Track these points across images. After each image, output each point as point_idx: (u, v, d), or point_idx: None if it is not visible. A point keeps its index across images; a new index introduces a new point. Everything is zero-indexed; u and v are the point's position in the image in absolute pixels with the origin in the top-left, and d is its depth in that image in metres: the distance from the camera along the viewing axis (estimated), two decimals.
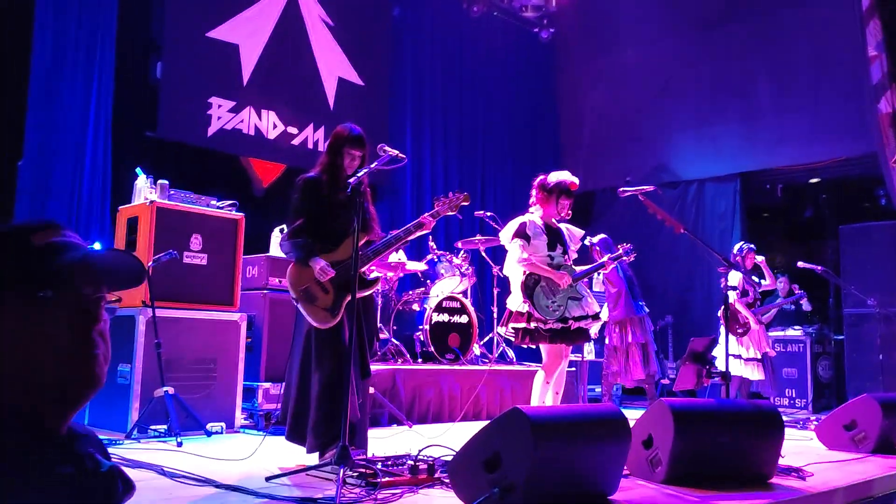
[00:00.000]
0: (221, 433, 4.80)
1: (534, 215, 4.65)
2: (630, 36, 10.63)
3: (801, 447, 4.77)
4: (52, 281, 1.05)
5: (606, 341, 7.11)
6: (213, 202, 5.19)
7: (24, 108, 6.17)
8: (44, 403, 1.04)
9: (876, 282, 8.13)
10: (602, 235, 6.85)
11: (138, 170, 5.21)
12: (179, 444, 4.19)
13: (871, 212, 9.37)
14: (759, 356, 6.81)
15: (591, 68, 11.22)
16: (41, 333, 1.04)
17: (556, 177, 4.65)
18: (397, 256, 6.76)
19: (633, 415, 3.82)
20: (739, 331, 6.77)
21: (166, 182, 5.02)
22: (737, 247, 7.22)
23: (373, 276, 3.84)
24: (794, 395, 8.55)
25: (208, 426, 4.71)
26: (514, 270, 4.56)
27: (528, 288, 4.45)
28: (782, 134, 9.32)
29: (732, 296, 6.44)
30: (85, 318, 1.08)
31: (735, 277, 6.64)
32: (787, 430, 3.71)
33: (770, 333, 7.46)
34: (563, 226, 4.76)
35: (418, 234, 3.83)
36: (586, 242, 6.71)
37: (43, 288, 1.04)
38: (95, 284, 1.10)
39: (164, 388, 4.46)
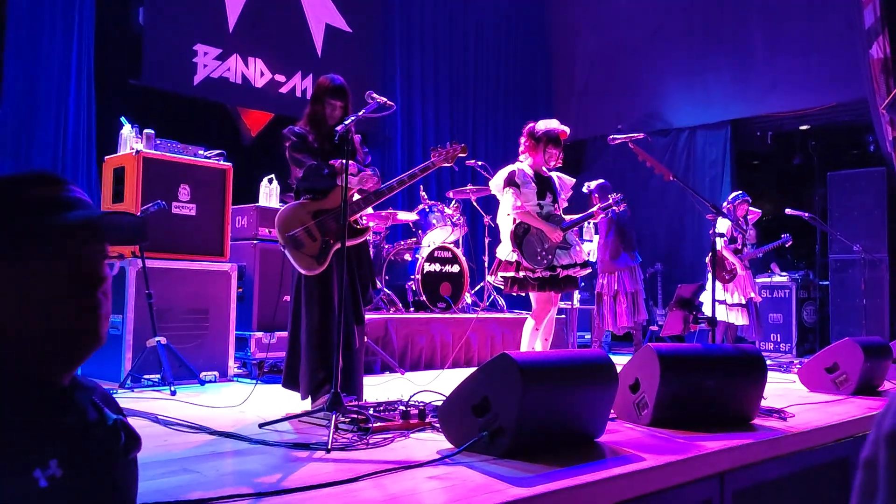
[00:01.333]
0: (215, 382, 4.86)
1: (523, 164, 4.64)
2: None
3: (783, 390, 4.88)
4: (53, 236, 1.02)
5: (595, 290, 7.18)
6: (201, 152, 5.15)
7: (1, 56, 6.04)
8: (46, 358, 1.04)
9: (862, 228, 8.21)
10: (600, 181, 6.85)
11: (123, 119, 5.14)
12: (173, 393, 4.24)
13: (860, 158, 9.39)
14: (743, 302, 6.91)
15: (584, 15, 11.05)
16: (42, 289, 1.02)
17: (544, 125, 4.62)
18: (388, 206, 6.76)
19: (621, 360, 3.89)
20: (726, 277, 6.84)
21: (152, 131, 4.97)
22: (732, 195, 7.25)
23: (365, 224, 3.85)
24: (778, 340, 8.69)
25: (201, 375, 4.76)
26: (504, 219, 4.57)
27: (518, 237, 4.47)
28: (773, 80, 9.27)
29: (720, 242, 6.49)
30: (90, 277, 1.06)
31: (723, 224, 6.68)
32: (771, 374, 3.79)
33: (757, 280, 7.55)
34: (554, 174, 4.76)
35: (421, 177, 3.85)
36: (584, 189, 6.72)
37: (41, 243, 1.02)
38: (99, 242, 1.08)
39: (157, 338, 4.50)
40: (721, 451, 2.90)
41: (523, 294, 4.62)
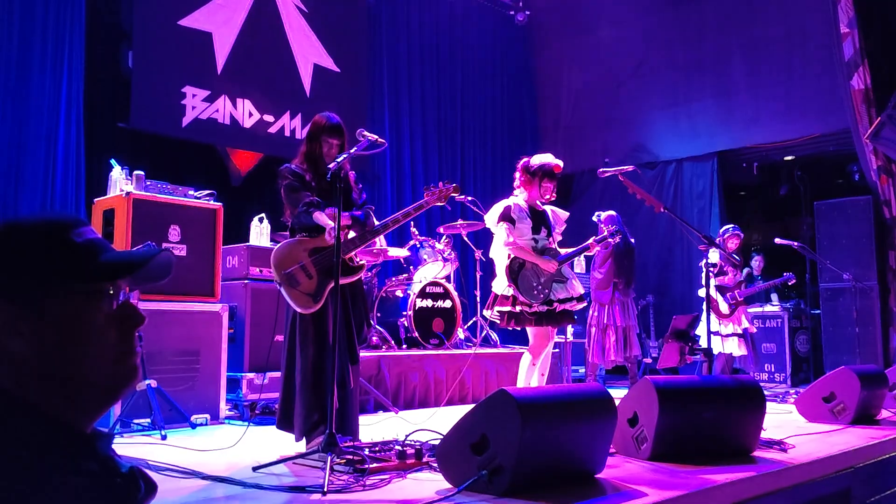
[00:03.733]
0: (206, 424, 4.77)
1: (518, 198, 4.66)
2: (605, 16, 10.62)
3: (781, 420, 4.85)
4: (98, 278, 1.03)
5: (587, 322, 7.15)
6: (191, 192, 5.13)
7: None
8: (81, 403, 1.03)
9: (851, 256, 8.26)
10: (611, 212, 6.89)
11: (113, 161, 5.13)
12: (164, 437, 4.16)
13: (846, 188, 9.49)
14: (739, 331, 6.90)
15: (568, 50, 11.21)
16: (91, 331, 1.02)
17: (539, 159, 4.65)
18: (379, 243, 6.74)
19: (616, 394, 3.85)
20: (724, 314, 6.86)
21: (142, 173, 4.95)
22: (722, 228, 7.30)
23: (359, 262, 3.83)
24: (773, 370, 8.67)
25: (193, 418, 4.68)
26: (499, 254, 4.57)
27: (513, 272, 4.47)
28: (757, 112, 9.40)
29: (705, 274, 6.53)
30: (131, 316, 1.07)
31: (715, 256, 6.71)
32: (768, 404, 3.76)
33: (749, 309, 7.56)
34: (548, 208, 4.77)
35: (415, 214, 3.84)
36: (594, 218, 6.76)
37: (90, 285, 1.02)
38: (134, 283, 1.09)
39: (147, 381, 4.42)
40: (724, 484, 2.87)
41: (520, 329, 4.59)
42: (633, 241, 7.16)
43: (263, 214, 6.02)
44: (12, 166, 6.17)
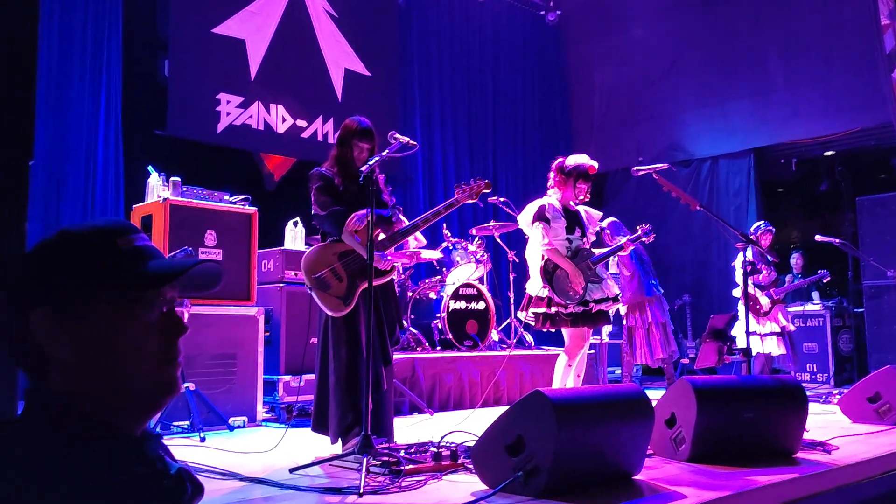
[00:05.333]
0: (244, 427, 4.82)
1: (552, 198, 4.63)
2: (637, 13, 10.52)
3: (825, 421, 4.74)
4: (143, 286, 1.03)
5: (624, 323, 7.08)
6: (227, 197, 5.20)
7: (33, 108, 6.18)
8: (125, 410, 1.04)
9: (895, 252, 8.04)
10: (611, 219, 6.81)
11: (150, 168, 5.22)
12: (202, 440, 4.22)
13: (888, 182, 9.26)
14: (777, 329, 6.78)
15: (600, 49, 11.12)
16: (131, 338, 1.03)
17: (574, 160, 4.62)
18: (414, 244, 6.76)
19: (653, 395, 3.80)
20: (762, 311, 6.74)
21: (179, 179, 5.03)
22: (754, 225, 7.17)
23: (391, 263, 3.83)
24: (815, 370, 8.49)
25: (230, 420, 4.74)
26: (533, 255, 4.54)
27: (548, 272, 4.44)
28: (795, 107, 9.22)
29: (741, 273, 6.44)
30: (172, 325, 1.07)
31: (749, 254, 6.60)
32: (811, 405, 3.68)
33: (790, 309, 7.42)
34: (581, 208, 4.74)
35: (445, 214, 3.85)
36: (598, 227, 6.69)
37: (134, 292, 1.03)
38: (176, 291, 1.10)
39: (185, 385, 4.48)
40: (766, 486, 2.81)
41: (555, 330, 4.55)
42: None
43: (298, 218, 6.07)
44: (54, 175, 6.32)
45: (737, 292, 6.92)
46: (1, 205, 1.79)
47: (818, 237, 7.25)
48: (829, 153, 9.88)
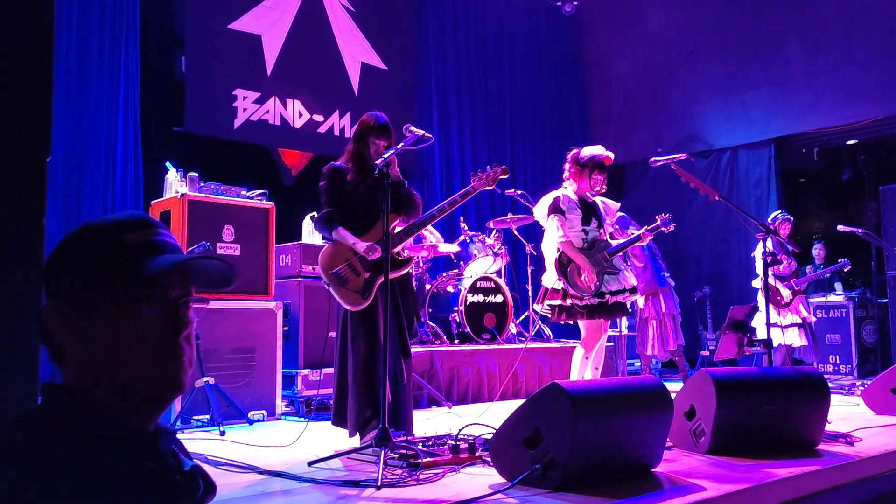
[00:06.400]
0: (263, 421, 4.85)
1: (567, 190, 4.60)
2: (654, 4, 10.43)
3: (847, 413, 4.68)
4: (144, 282, 1.03)
5: (637, 315, 7.04)
6: (244, 192, 5.22)
7: (50, 106, 6.25)
8: (132, 403, 1.04)
9: None
10: (620, 214, 6.75)
11: (168, 164, 5.26)
12: (222, 433, 4.25)
13: None
14: (798, 321, 6.70)
15: (617, 39, 11.03)
16: (131, 335, 1.03)
17: (589, 151, 4.58)
18: (433, 238, 6.77)
19: (672, 388, 3.77)
20: (782, 302, 6.66)
21: (196, 175, 5.06)
22: (772, 215, 7.09)
23: (406, 256, 3.83)
24: (838, 362, 8.39)
25: (249, 414, 4.76)
26: (549, 247, 4.52)
27: (563, 265, 4.41)
28: (815, 96, 9.09)
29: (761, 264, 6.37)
30: (173, 322, 1.06)
31: (769, 244, 6.53)
32: (833, 397, 3.64)
33: (811, 300, 7.33)
34: (598, 199, 4.70)
35: (462, 202, 3.85)
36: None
37: (135, 289, 1.03)
38: (186, 288, 1.09)
39: (205, 379, 4.52)
40: (786, 478, 2.78)
41: (571, 322, 4.53)
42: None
43: (315, 213, 6.08)
44: (74, 172, 6.38)
45: (757, 283, 6.84)
46: (19, 201, 1.81)
47: (840, 227, 7.15)
48: (851, 142, 9.74)
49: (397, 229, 3.72)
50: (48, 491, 0.91)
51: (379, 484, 2.71)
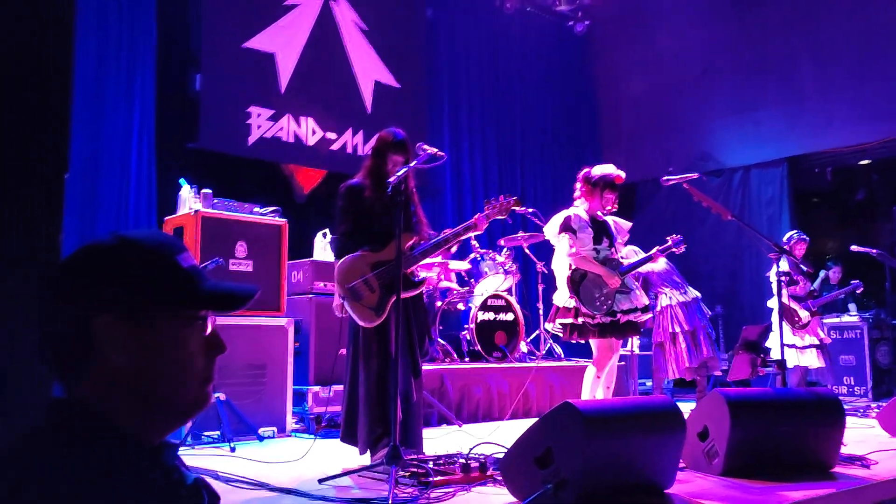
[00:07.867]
0: (273, 437, 4.85)
1: (578, 209, 4.60)
2: (666, 22, 10.44)
3: (863, 435, 4.63)
4: (199, 304, 1.07)
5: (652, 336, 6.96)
6: (257, 209, 5.25)
7: (68, 122, 6.32)
8: (160, 417, 1.06)
9: None
10: (666, 266, 6.73)
11: (182, 180, 5.30)
12: (232, 450, 4.25)
13: None
14: (816, 342, 6.62)
15: (628, 58, 11.06)
16: (185, 353, 1.06)
17: (600, 170, 4.59)
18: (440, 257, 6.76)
19: (685, 408, 3.75)
20: (799, 323, 6.58)
21: (209, 191, 5.09)
22: (787, 235, 7.04)
23: (421, 276, 3.85)
24: (852, 383, 8.30)
25: (260, 431, 4.76)
26: (560, 265, 4.51)
27: (575, 283, 4.40)
28: (828, 115, 9.06)
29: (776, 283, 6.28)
30: (217, 345, 1.11)
31: (784, 265, 6.47)
32: (848, 419, 3.60)
33: (825, 320, 7.27)
34: (609, 218, 4.70)
35: (468, 235, 3.85)
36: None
37: (192, 310, 1.07)
38: (225, 312, 1.13)
39: (216, 395, 4.53)
40: (801, 501, 2.75)
41: (583, 341, 4.51)
42: None
43: (327, 230, 6.11)
44: (89, 187, 6.45)
45: (772, 303, 6.77)
46: (38, 217, 1.82)
47: (854, 247, 7.10)
48: (864, 162, 9.69)
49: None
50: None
51: (390, 502, 2.70)
